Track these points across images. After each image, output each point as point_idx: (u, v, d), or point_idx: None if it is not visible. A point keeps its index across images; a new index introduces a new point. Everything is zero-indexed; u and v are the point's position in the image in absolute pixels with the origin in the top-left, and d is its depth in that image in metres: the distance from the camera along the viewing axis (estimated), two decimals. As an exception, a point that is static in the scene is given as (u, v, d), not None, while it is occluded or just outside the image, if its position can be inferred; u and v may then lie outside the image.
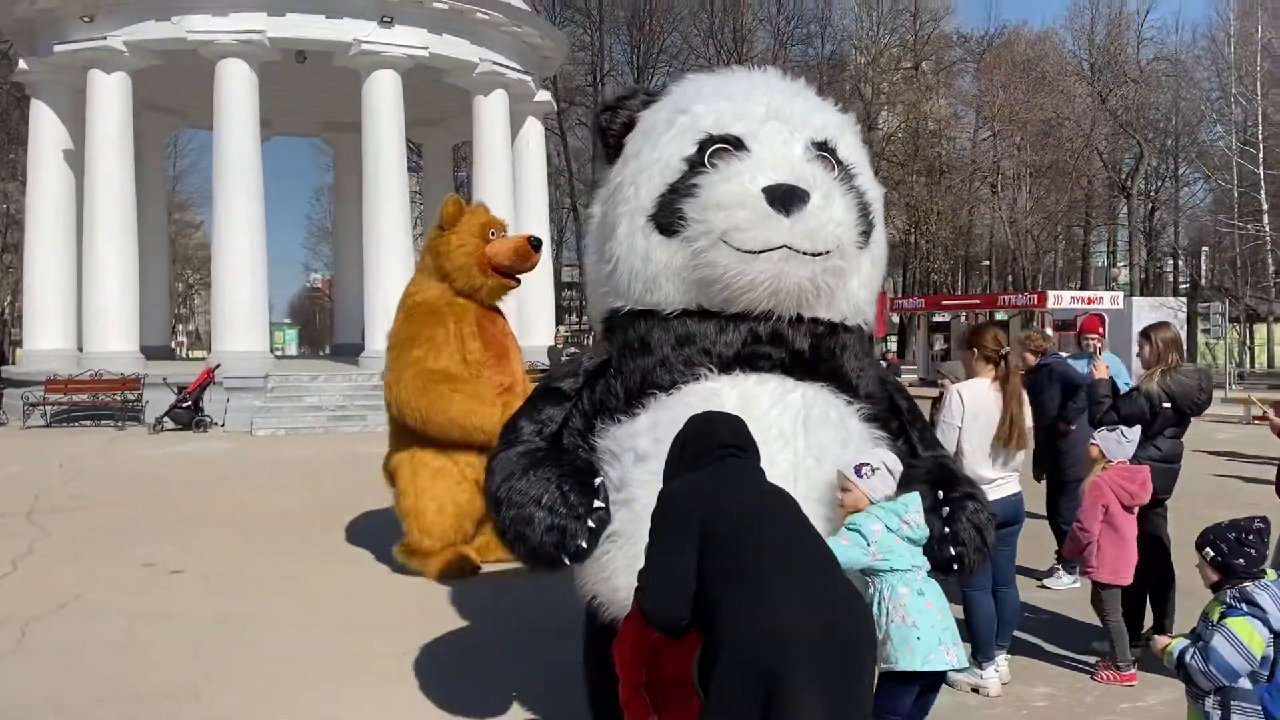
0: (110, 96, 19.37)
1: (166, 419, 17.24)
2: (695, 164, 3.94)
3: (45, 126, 20.90)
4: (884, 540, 3.50)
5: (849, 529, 3.53)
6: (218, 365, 18.04)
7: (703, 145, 3.97)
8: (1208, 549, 3.31)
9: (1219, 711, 3.14)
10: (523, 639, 5.69)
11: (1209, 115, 39.02)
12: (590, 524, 3.79)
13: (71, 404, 18.64)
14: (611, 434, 3.98)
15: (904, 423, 4.15)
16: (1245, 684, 3.10)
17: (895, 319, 41.26)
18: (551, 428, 4.13)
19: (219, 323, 19.45)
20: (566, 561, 3.82)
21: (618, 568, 3.82)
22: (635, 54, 43.24)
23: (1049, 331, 6.89)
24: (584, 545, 3.78)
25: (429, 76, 21.22)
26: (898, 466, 3.73)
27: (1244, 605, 3.14)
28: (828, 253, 3.78)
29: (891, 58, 46.46)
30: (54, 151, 20.85)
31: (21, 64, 21.11)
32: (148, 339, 21.18)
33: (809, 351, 3.92)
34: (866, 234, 4.00)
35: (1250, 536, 3.23)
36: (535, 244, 7.38)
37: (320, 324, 79.34)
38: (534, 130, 23.84)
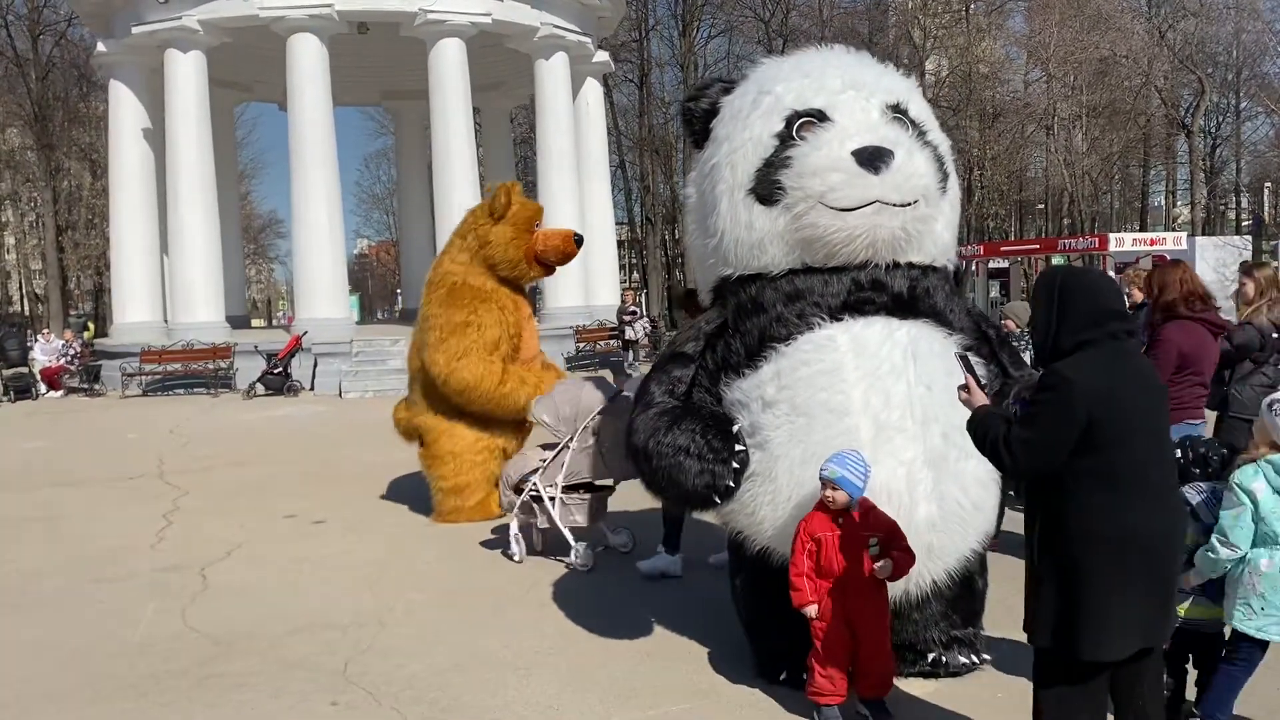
0: (187, 75, 20.02)
1: (259, 385, 18.07)
2: (785, 138, 4.44)
3: (124, 107, 21.65)
4: None
5: None
6: (305, 332, 18.80)
7: (789, 120, 4.46)
8: (1177, 450, 3.81)
9: None
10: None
11: (1273, 47, 38.13)
12: (735, 465, 4.34)
13: (165, 374, 19.56)
14: (738, 386, 4.51)
15: (993, 348, 4.71)
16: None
17: (961, 265, 41.05)
18: (681, 387, 4.69)
19: (302, 292, 20.16)
20: (718, 501, 4.40)
21: (759, 504, 4.39)
22: (679, 6, 42.99)
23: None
24: (731, 485, 4.35)
25: (489, 42, 21.60)
26: None
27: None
28: (915, 202, 4.28)
29: (940, 0, 45.77)
30: (133, 131, 21.60)
31: (100, 46, 21.84)
32: (228, 309, 22.00)
33: (907, 293, 4.41)
34: (944, 182, 4.50)
35: (1215, 458, 3.76)
36: (578, 240, 7.90)
37: (372, 289, 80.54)
38: (593, 91, 24.15)
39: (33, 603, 6.11)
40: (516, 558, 6.61)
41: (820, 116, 4.42)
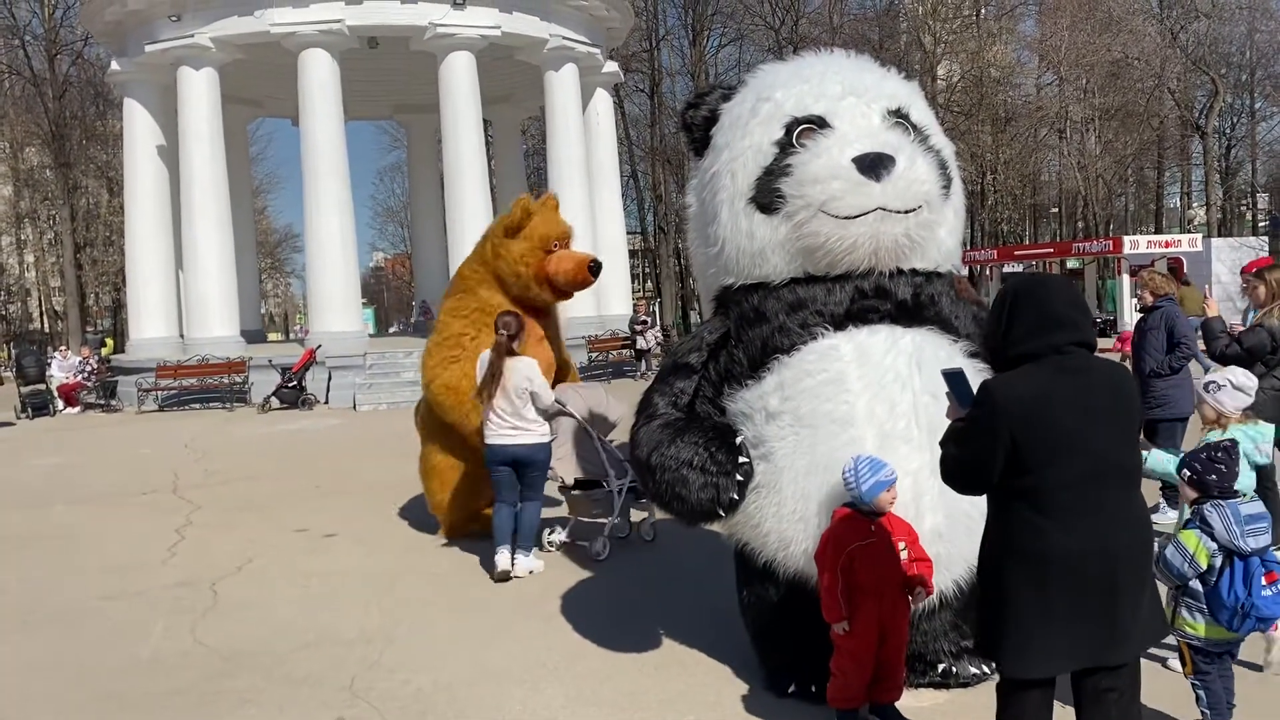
0: (200, 92, 20.19)
1: (274, 399, 18.14)
2: (785, 145, 4.41)
3: (139, 125, 21.83)
4: None
5: None
6: (319, 346, 18.87)
7: (789, 128, 4.43)
8: (1185, 470, 3.74)
9: (1173, 604, 3.69)
10: (663, 581, 6.26)
11: (1287, 47, 37.84)
12: (739, 477, 4.31)
13: (181, 389, 19.66)
14: (741, 397, 4.49)
15: None
16: (1196, 585, 3.62)
17: (966, 271, 40.88)
18: (684, 399, 4.66)
19: (315, 305, 20.28)
20: (722, 514, 4.37)
21: (765, 516, 4.36)
22: (689, 16, 43.02)
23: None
24: (735, 497, 4.32)
25: (499, 54, 21.70)
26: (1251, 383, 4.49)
27: (1197, 521, 3.61)
28: (918, 209, 4.24)
29: (951, 5, 45.66)
30: (148, 148, 21.78)
31: (114, 65, 22.05)
32: (243, 323, 22.11)
33: (911, 300, 4.38)
34: (947, 187, 4.46)
35: (1219, 454, 3.66)
36: (594, 269, 7.29)
37: (388, 302, 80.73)
38: (603, 101, 24.22)
39: (43, 620, 6.13)
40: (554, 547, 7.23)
41: (820, 123, 4.39)
